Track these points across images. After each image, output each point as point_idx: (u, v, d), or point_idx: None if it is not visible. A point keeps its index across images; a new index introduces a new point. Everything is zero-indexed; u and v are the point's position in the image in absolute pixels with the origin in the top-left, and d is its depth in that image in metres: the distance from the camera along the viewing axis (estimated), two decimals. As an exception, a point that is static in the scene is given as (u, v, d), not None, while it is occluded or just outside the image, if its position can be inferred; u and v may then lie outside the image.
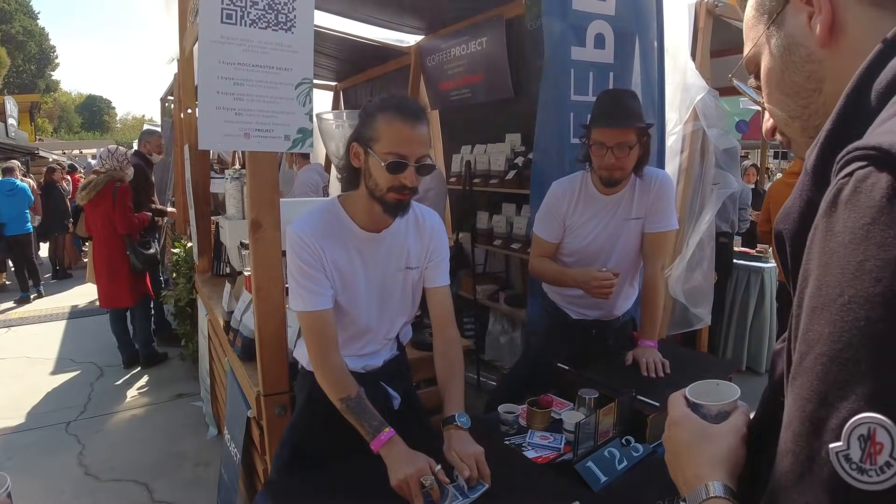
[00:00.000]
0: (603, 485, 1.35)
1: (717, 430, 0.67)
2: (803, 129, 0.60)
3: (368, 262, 1.48)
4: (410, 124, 1.34)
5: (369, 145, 1.36)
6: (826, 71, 0.55)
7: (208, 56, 1.42)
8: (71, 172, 9.94)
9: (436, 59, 4.28)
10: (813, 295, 0.42)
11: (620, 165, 1.87)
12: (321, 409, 1.49)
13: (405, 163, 1.33)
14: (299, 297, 1.42)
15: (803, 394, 0.41)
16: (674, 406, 0.74)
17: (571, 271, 1.99)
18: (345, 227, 1.46)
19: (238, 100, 1.47)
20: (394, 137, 1.33)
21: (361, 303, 1.50)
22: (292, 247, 1.42)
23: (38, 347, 5.18)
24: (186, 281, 4.31)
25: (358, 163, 1.40)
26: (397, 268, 1.53)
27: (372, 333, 1.56)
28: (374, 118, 1.36)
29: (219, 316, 2.63)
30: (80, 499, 2.85)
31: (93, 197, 4.10)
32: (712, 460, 0.64)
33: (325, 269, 1.42)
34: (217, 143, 1.49)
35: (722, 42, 3.64)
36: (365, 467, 1.42)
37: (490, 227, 3.82)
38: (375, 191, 1.37)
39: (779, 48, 0.59)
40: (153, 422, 3.69)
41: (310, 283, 1.41)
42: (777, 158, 15.19)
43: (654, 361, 1.87)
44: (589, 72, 2.49)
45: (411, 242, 1.54)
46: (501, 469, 1.40)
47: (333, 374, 1.41)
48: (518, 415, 1.63)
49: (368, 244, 1.48)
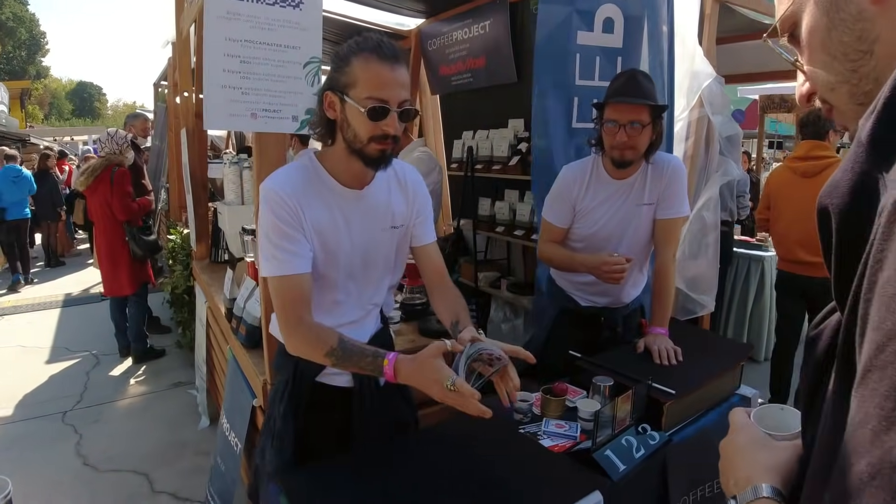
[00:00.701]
0: (622, 473, 1.33)
1: (778, 443, 0.70)
2: (851, 95, 0.54)
3: (351, 221, 1.37)
4: (389, 65, 1.23)
5: (345, 92, 1.23)
6: (879, 30, 0.50)
7: (214, 32, 1.36)
8: (61, 159, 9.79)
9: (437, 43, 4.21)
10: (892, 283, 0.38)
11: (632, 144, 1.83)
12: (309, 389, 1.44)
13: (387, 108, 1.22)
14: (274, 259, 1.28)
15: (882, 389, 0.37)
16: (737, 414, 0.77)
17: (582, 256, 1.96)
18: (324, 184, 1.34)
19: (245, 78, 1.42)
20: (372, 80, 1.21)
21: (342, 265, 1.38)
22: (268, 205, 1.28)
23: (32, 336, 5.11)
24: (184, 268, 4.26)
25: (333, 113, 1.28)
26: (382, 227, 1.42)
27: (353, 299, 1.45)
28: (348, 62, 1.23)
29: (220, 303, 2.59)
30: (79, 490, 2.81)
31: (91, 182, 4.01)
32: (767, 465, 0.65)
33: (304, 230, 1.30)
34: (223, 124, 1.43)
35: (726, 29, 3.59)
36: (375, 453, 1.39)
37: (492, 213, 3.77)
38: (355, 143, 1.26)
39: (825, 4, 0.53)
40: (151, 411, 3.65)
41: (288, 243, 1.27)
42: (772, 148, 15.22)
43: (666, 349, 1.84)
44: (596, 56, 2.45)
45: (395, 200, 1.44)
46: (518, 458, 1.37)
47: (312, 333, 1.28)
48: (532, 403, 1.60)
49: (350, 202, 1.36)
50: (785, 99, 7.38)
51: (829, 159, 3.18)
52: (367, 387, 1.47)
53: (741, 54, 4.31)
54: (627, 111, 1.80)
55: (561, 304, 2.20)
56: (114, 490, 2.81)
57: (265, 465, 1.43)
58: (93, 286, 6.86)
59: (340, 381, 1.48)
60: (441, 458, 1.37)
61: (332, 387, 1.48)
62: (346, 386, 1.48)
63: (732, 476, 0.68)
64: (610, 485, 1.29)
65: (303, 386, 1.44)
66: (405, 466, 1.33)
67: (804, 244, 3.22)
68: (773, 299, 4.23)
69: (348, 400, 1.47)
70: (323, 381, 1.46)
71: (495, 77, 3.78)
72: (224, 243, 3.51)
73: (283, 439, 1.42)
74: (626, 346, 2.00)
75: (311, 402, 1.45)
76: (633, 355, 1.88)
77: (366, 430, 1.47)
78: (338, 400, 1.47)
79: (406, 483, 1.26)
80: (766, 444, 0.69)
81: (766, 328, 4.38)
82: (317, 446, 1.45)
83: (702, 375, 1.71)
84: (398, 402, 1.57)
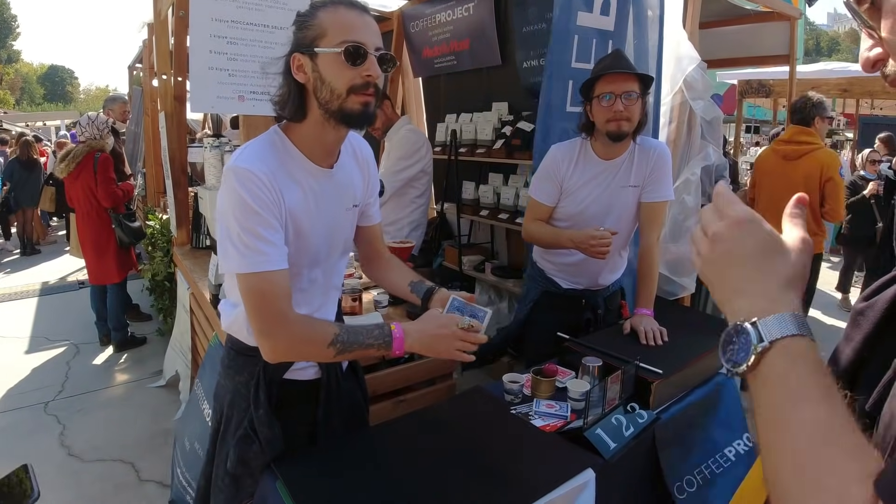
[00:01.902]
0: (613, 451, 1.36)
1: (790, 242, 0.56)
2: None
3: (320, 202, 1.25)
4: (359, 12, 1.15)
5: (315, 44, 1.13)
6: None
7: (200, 12, 1.33)
8: (35, 143, 9.54)
9: (420, 24, 4.17)
10: None
11: (628, 115, 1.85)
12: (277, 386, 1.33)
13: (364, 48, 1.11)
14: (251, 252, 1.11)
15: None
16: (732, 201, 0.59)
17: (568, 232, 1.98)
18: (295, 161, 1.21)
19: (232, 60, 1.39)
20: (344, 25, 1.12)
21: (311, 251, 1.27)
22: (244, 186, 1.10)
23: (9, 325, 5.00)
24: (164, 254, 4.19)
25: (304, 76, 1.16)
26: (346, 207, 1.33)
27: (318, 285, 1.34)
28: (314, 16, 1.15)
29: (204, 290, 2.56)
30: (64, 480, 2.78)
31: (73, 169, 3.91)
32: (788, 280, 0.53)
33: (281, 218, 1.16)
34: (209, 106, 1.41)
35: (707, 14, 3.62)
36: (369, 436, 1.41)
37: (476, 197, 3.78)
38: (332, 101, 1.14)
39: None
40: (135, 400, 3.61)
41: (268, 233, 1.12)
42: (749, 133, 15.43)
43: (652, 330, 1.88)
44: (592, 39, 2.44)
45: (355, 177, 1.35)
46: (512, 438, 1.40)
47: (304, 328, 1.17)
48: (522, 384, 1.63)
49: (320, 181, 1.24)
50: (763, 84, 7.47)
51: (810, 146, 3.27)
52: (334, 378, 1.42)
53: (721, 39, 4.35)
54: (622, 81, 1.84)
55: (542, 286, 2.23)
56: (100, 480, 2.78)
57: (251, 470, 1.30)
58: (69, 274, 6.73)
59: (307, 374, 1.39)
60: (435, 440, 1.38)
61: (300, 381, 1.39)
62: (312, 378, 1.40)
63: (740, 291, 0.55)
64: (602, 463, 1.32)
65: (272, 385, 1.33)
66: (400, 448, 1.35)
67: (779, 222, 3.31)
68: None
69: (315, 392, 1.40)
70: (291, 378, 1.36)
71: (479, 60, 3.76)
72: (205, 228, 3.46)
73: (271, 442, 1.29)
74: (612, 327, 2.04)
75: (280, 400, 1.35)
76: (620, 336, 1.91)
77: (328, 420, 1.41)
78: (304, 393, 1.39)
79: (402, 464, 1.27)
80: (781, 247, 0.55)
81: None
82: (288, 440, 1.34)
83: (687, 355, 1.75)
84: (356, 393, 1.54)
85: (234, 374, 1.36)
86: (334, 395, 1.41)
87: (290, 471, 1.24)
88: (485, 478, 1.23)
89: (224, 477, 1.31)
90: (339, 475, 1.23)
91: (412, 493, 1.18)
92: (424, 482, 1.21)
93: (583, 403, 1.48)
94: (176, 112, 3.49)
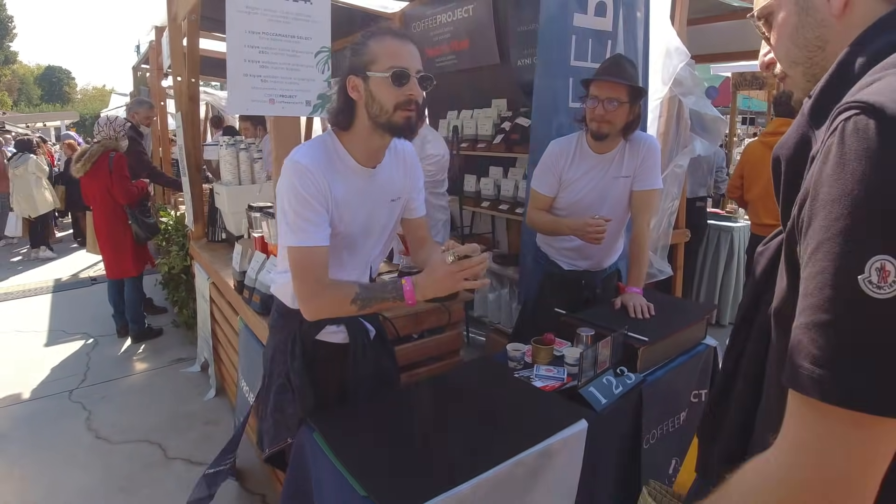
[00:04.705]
0: (603, 406, 1.55)
1: None
2: (804, 73, 0.77)
3: (361, 196, 1.49)
4: (403, 41, 1.38)
5: (367, 69, 1.36)
6: (832, 35, 0.72)
7: (236, 25, 1.51)
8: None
9: (421, 25, 4.34)
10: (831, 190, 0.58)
11: (609, 119, 2.03)
12: (311, 345, 1.58)
13: (408, 72, 1.35)
14: (299, 230, 1.37)
15: (834, 250, 0.56)
16: None
17: (567, 220, 2.17)
18: (343, 161, 1.45)
19: (264, 67, 1.57)
20: (391, 53, 1.35)
21: (350, 234, 1.51)
22: (298, 178, 1.36)
23: (26, 321, 5.18)
24: (179, 248, 4.37)
25: (357, 95, 1.39)
26: (384, 201, 1.55)
27: (355, 261, 1.58)
28: (365, 45, 1.37)
29: (227, 278, 2.75)
30: (95, 461, 2.94)
31: (89, 168, 4.06)
32: None
33: (327, 205, 1.41)
34: (245, 108, 1.59)
35: (696, 11, 3.79)
36: (392, 396, 1.60)
37: (478, 189, 3.96)
38: (381, 116, 1.37)
39: (798, 8, 0.74)
40: (156, 386, 3.79)
41: (312, 215, 1.37)
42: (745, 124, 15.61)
43: (640, 305, 2.07)
44: (589, 39, 2.61)
45: (396, 174, 1.58)
46: (516, 396, 1.59)
47: (333, 290, 1.39)
48: (524, 353, 1.82)
49: (363, 179, 1.48)
50: (756, 76, 7.64)
51: (795, 136, 3.45)
52: (361, 343, 1.64)
53: (711, 34, 4.53)
54: (608, 88, 2.01)
55: (546, 268, 2.42)
56: (129, 459, 2.95)
57: (285, 417, 1.57)
58: (81, 270, 6.90)
59: (337, 338, 1.64)
60: (449, 399, 1.58)
61: (331, 343, 1.63)
62: (342, 342, 1.64)
63: None
64: (594, 415, 1.52)
65: (306, 343, 1.59)
66: (418, 406, 1.54)
67: (771, 210, 3.52)
68: (741, 267, 4.53)
69: (344, 355, 1.63)
70: (322, 339, 1.62)
71: (479, 59, 3.93)
72: (221, 223, 3.64)
73: (303, 391, 1.56)
74: (605, 304, 2.23)
75: (313, 356, 1.60)
76: (612, 311, 2.11)
77: (358, 383, 1.64)
78: (335, 355, 1.63)
79: (419, 418, 1.47)
80: None
81: (732, 294, 4.67)
82: (320, 397, 1.58)
83: (671, 326, 1.94)
84: (384, 357, 1.76)
85: (276, 332, 1.65)
86: (360, 359, 1.63)
87: (324, 423, 1.43)
88: (495, 427, 1.43)
89: (268, 419, 1.61)
90: (368, 426, 1.42)
91: (430, 439, 1.37)
92: (443, 432, 1.41)
93: (577, 367, 1.67)
94: (190, 112, 3.66)
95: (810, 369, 0.56)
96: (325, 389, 1.58)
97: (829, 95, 0.65)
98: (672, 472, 1.93)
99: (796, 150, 0.68)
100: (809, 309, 0.58)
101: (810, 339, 0.57)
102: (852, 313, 0.54)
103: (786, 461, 0.59)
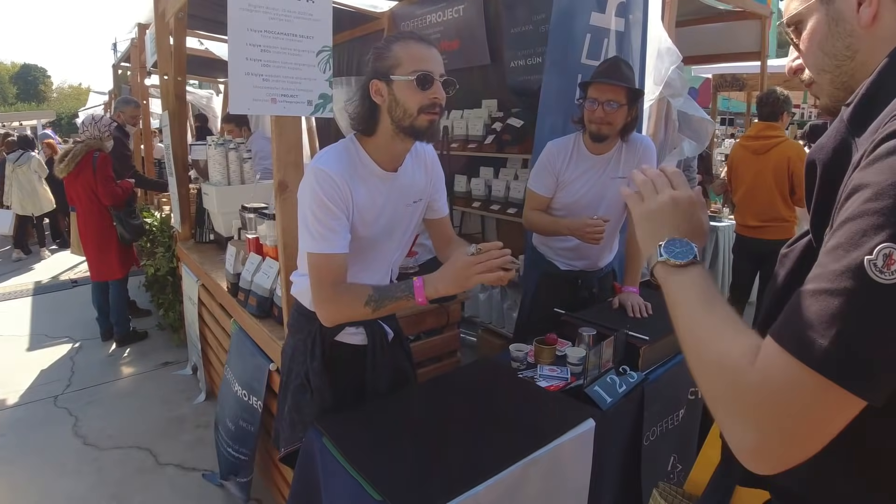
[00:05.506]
0: (609, 404, 1.56)
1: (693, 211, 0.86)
2: (832, 81, 0.79)
3: (383, 200, 1.50)
4: (426, 45, 1.39)
5: (391, 73, 1.36)
6: (861, 45, 0.74)
7: (237, 23, 1.49)
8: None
9: (410, 25, 4.33)
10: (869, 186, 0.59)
11: (608, 120, 2.05)
12: (329, 347, 1.59)
13: (432, 76, 1.36)
14: (319, 237, 1.38)
15: (853, 228, 0.58)
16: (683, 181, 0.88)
17: (565, 220, 2.18)
18: (366, 166, 1.46)
19: (265, 66, 1.55)
20: (415, 57, 1.36)
21: (372, 237, 1.52)
22: (320, 184, 1.37)
23: (7, 325, 5.05)
24: (165, 250, 4.30)
25: (381, 99, 1.40)
26: (406, 203, 1.56)
27: (378, 262, 1.60)
28: (389, 50, 1.38)
29: (219, 280, 2.71)
30: (84, 468, 2.88)
31: (72, 169, 3.98)
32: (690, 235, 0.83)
33: (348, 211, 1.41)
34: (247, 108, 1.56)
35: (682, 13, 3.84)
36: (399, 398, 1.59)
37: (468, 189, 3.96)
38: (404, 119, 1.38)
39: (828, 18, 0.76)
40: (144, 390, 3.72)
41: (334, 222, 1.38)
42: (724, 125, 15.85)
43: (638, 304, 2.09)
44: (604, 38, 2.61)
45: (417, 176, 1.59)
46: (522, 396, 1.59)
47: (348, 295, 1.41)
48: (527, 353, 1.82)
49: (385, 183, 1.50)
50: (737, 78, 7.76)
51: (777, 139, 3.51)
52: (379, 346, 1.66)
53: (696, 36, 4.59)
54: (607, 91, 2.03)
55: (542, 268, 2.43)
56: (120, 466, 2.89)
57: (302, 417, 1.58)
58: (61, 273, 6.76)
59: (356, 339, 1.65)
60: (456, 399, 1.58)
61: (349, 345, 1.65)
62: (360, 344, 1.65)
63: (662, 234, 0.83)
64: (600, 414, 1.53)
65: (325, 343, 1.61)
66: (426, 406, 1.53)
67: (754, 212, 3.58)
68: (727, 265, 4.60)
69: (362, 357, 1.65)
70: (341, 340, 1.63)
71: (469, 59, 3.94)
72: (209, 223, 3.58)
73: (322, 391, 1.57)
74: (602, 303, 2.25)
75: (332, 357, 1.62)
76: (610, 311, 2.12)
77: (376, 384, 1.65)
78: (353, 357, 1.65)
79: (428, 419, 1.46)
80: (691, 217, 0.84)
81: (718, 290, 4.73)
82: (338, 397, 1.61)
83: (670, 325, 1.95)
84: (402, 359, 1.78)
85: (295, 332, 1.65)
86: (379, 360, 1.64)
87: (333, 427, 1.42)
88: (504, 427, 1.43)
89: (285, 418, 1.61)
90: (376, 428, 1.41)
91: (441, 440, 1.37)
92: (450, 432, 1.41)
93: (581, 367, 1.68)
94: (177, 111, 3.60)
95: (807, 336, 0.58)
96: (343, 390, 1.60)
97: (870, 104, 0.67)
98: (671, 468, 1.95)
99: (835, 156, 0.69)
100: (816, 278, 0.60)
101: (808, 306, 0.59)
102: (855, 293, 0.56)
103: (754, 379, 0.62)
